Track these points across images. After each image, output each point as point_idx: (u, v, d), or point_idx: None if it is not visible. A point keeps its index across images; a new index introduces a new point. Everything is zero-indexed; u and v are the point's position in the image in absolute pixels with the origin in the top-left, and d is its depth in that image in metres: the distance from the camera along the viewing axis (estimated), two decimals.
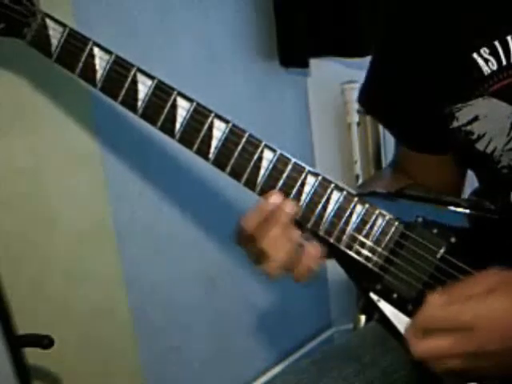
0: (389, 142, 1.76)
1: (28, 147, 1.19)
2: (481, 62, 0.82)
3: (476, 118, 0.84)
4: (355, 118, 1.76)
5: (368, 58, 1.00)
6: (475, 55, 0.82)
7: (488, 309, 0.69)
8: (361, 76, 1.00)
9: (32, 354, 0.93)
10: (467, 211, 0.80)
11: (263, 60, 1.67)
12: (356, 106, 1.75)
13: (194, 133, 0.80)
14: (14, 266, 1.17)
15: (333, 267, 1.93)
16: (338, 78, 1.75)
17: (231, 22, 1.58)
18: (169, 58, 1.43)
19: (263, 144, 0.80)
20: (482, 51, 0.82)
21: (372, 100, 0.99)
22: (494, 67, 0.82)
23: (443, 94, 0.86)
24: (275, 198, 0.78)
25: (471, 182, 1.00)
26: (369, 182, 1.21)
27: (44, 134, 1.21)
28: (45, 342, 1.00)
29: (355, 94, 1.73)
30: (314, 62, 1.73)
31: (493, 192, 0.91)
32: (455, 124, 0.86)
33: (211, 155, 0.80)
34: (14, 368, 0.73)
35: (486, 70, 0.82)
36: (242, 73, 1.63)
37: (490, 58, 0.82)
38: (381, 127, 1.75)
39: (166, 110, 0.81)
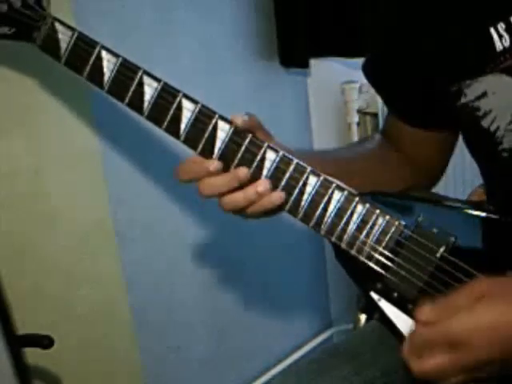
0: None
1: (28, 147, 1.19)
2: (495, 37, 0.81)
3: (484, 94, 0.83)
4: (355, 118, 1.76)
5: None
6: (492, 30, 0.81)
7: (477, 321, 0.69)
8: (361, 76, 0.99)
9: (32, 354, 0.93)
10: (467, 211, 0.80)
11: (263, 60, 1.66)
12: (356, 105, 1.74)
13: (199, 134, 0.82)
14: (14, 266, 1.17)
15: (333, 267, 1.94)
16: (338, 78, 1.75)
17: (231, 22, 1.58)
18: (169, 57, 1.43)
19: (266, 145, 0.81)
20: (498, 26, 0.81)
21: (377, 71, 0.98)
22: (507, 44, 0.80)
23: (455, 69, 0.85)
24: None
25: (471, 181, 1.01)
26: (355, 147, 1.17)
27: (44, 134, 1.21)
28: (45, 342, 1.00)
29: (355, 94, 1.74)
30: (314, 62, 1.73)
31: (494, 181, 0.90)
32: (463, 100, 0.85)
33: (215, 156, 0.82)
34: (14, 368, 0.73)
35: (498, 45, 0.81)
36: (242, 73, 1.63)
37: (504, 34, 0.80)
38: (381, 127, 1.75)
39: (171, 112, 0.82)
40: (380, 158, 1.00)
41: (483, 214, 0.79)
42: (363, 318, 1.55)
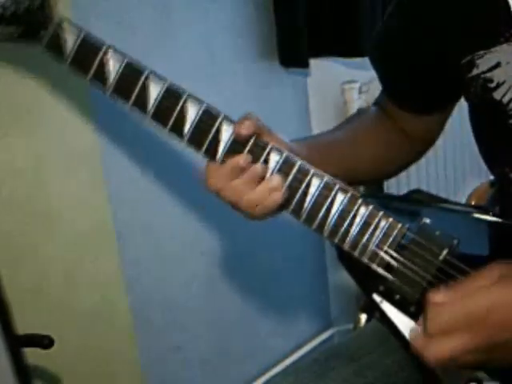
0: None
1: (28, 147, 1.19)
2: None
3: (498, 65, 0.82)
4: None
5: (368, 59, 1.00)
6: None
7: (494, 299, 0.68)
8: (361, 76, 0.99)
9: (32, 354, 0.93)
10: (470, 214, 0.80)
11: (263, 60, 1.66)
12: (356, 105, 1.74)
13: (203, 135, 0.81)
14: (14, 266, 1.17)
15: (333, 267, 1.94)
16: (338, 78, 1.75)
17: (231, 22, 1.58)
18: (169, 58, 1.43)
19: (270, 146, 0.81)
20: None
21: (383, 55, 0.96)
22: None
23: (468, 40, 0.83)
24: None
25: (471, 181, 1.00)
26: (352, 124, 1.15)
27: (44, 134, 1.21)
28: (45, 341, 1.00)
29: (355, 94, 1.74)
30: (314, 62, 1.73)
31: (503, 159, 0.88)
32: (475, 72, 0.84)
33: (219, 157, 0.81)
34: (14, 368, 0.73)
35: None
36: (242, 73, 1.63)
37: None
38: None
39: (175, 113, 0.81)
40: (379, 131, 1.00)
41: (486, 217, 0.79)
42: (363, 317, 1.55)
